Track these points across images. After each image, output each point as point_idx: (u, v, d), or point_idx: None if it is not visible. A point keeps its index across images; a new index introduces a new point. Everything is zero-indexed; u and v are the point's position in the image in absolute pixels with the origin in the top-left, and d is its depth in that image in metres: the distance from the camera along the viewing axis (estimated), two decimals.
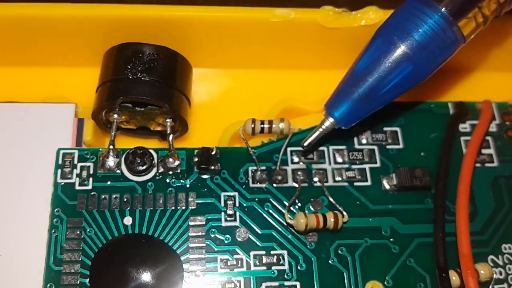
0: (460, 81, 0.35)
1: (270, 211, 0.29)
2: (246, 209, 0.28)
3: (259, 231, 0.28)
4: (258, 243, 0.28)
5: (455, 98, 0.33)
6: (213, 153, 0.29)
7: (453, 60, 0.34)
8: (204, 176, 0.29)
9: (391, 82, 0.26)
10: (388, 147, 0.31)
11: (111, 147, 0.29)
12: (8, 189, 0.28)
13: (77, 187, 0.28)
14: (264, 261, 0.27)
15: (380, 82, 0.26)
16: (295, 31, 0.31)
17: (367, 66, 0.26)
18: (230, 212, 0.28)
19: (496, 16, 0.27)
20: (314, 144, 0.28)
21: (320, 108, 0.32)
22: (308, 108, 0.32)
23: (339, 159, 0.30)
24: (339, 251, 0.28)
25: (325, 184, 0.29)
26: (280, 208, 0.29)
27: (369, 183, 0.30)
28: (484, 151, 0.31)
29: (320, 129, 0.28)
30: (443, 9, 0.26)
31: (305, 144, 0.28)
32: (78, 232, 0.27)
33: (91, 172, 0.28)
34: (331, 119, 0.27)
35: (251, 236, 0.28)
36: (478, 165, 0.31)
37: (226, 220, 0.28)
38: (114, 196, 0.28)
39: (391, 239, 0.29)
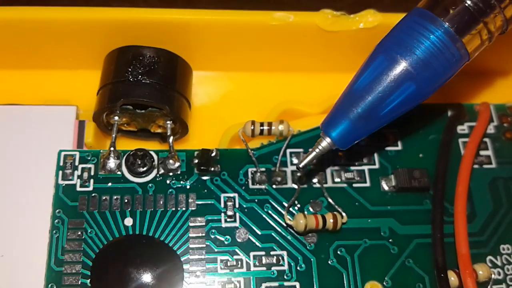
0: (458, 84, 0.35)
1: (270, 212, 0.29)
2: (245, 210, 0.29)
3: (258, 232, 0.28)
4: (258, 244, 0.28)
5: (453, 100, 0.33)
6: (213, 154, 0.29)
7: None
8: (204, 178, 0.29)
9: (392, 102, 0.25)
10: (386, 148, 0.31)
11: (112, 148, 0.29)
12: (10, 190, 0.28)
13: (78, 189, 0.28)
14: (263, 261, 0.28)
15: (381, 102, 0.24)
16: (294, 34, 0.32)
17: (367, 85, 0.25)
18: (230, 213, 0.28)
19: (502, 32, 0.26)
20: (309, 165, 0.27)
21: (318, 110, 0.32)
22: (307, 110, 0.32)
23: (338, 161, 0.30)
24: (339, 252, 0.28)
25: (324, 185, 0.30)
26: (279, 209, 0.29)
27: (368, 184, 0.30)
28: (482, 152, 0.32)
29: (317, 150, 0.26)
30: (446, 24, 0.24)
31: (301, 166, 0.26)
32: (79, 233, 0.27)
33: (92, 173, 0.29)
34: (328, 140, 0.25)
35: (251, 237, 0.28)
36: (476, 166, 0.31)
37: (226, 221, 0.28)
38: (115, 197, 0.28)
39: (390, 240, 0.29)
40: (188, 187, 0.29)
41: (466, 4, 0.24)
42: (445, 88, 0.35)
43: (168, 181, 0.29)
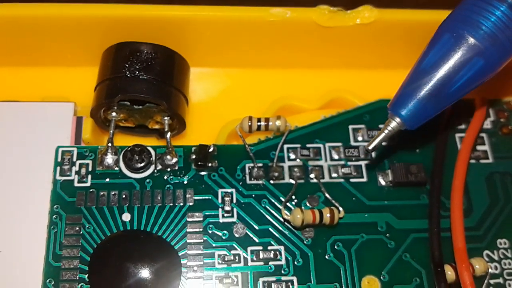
0: None
1: (267, 207, 0.29)
2: (243, 205, 0.29)
3: (256, 227, 0.28)
4: (255, 238, 0.28)
5: None
6: (211, 150, 0.30)
7: None
8: (202, 173, 0.29)
9: (461, 78, 0.25)
10: (383, 143, 0.31)
11: (109, 144, 0.29)
12: (8, 186, 0.28)
13: (76, 184, 0.28)
14: (261, 256, 0.28)
15: (450, 79, 0.25)
16: (291, 30, 0.32)
17: (434, 63, 0.25)
18: (227, 208, 0.28)
19: None
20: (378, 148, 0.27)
21: (316, 106, 0.33)
22: (304, 106, 0.33)
23: (335, 156, 0.30)
24: (336, 247, 0.28)
25: (321, 180, 0.30)
26: (277, 204, 0.29)
27: (365, 179, 0.30)
28: (479, 147, 0.32)
29: (386, 131, 0.26)
30: (510, 0, 0.24)
31: (370, 148, 0.26)
32: (77, 228, 0.27)
33: (90, 169, 0.29)
34: (397, 119, 0.26)
35: (248, 232, 0.28)
36: (473, 161, 0.31)
37: (223, 216, 0.28)
38: (113, 193, 0.28)
39: (387, 235, 0.29)
40: (185, 182, 0.29)
41: None
42: None
43: (165, 177, 0.29)
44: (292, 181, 0.30)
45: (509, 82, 0.34)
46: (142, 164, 0.29)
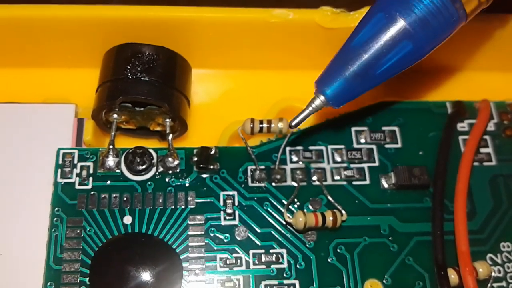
0: (459, 80, 0.35)
1: (269, 210, 0.29)
2: (245, 208, 0.29)
3: (258, 230, 0.28)
4: (257, 241, 0.28)
5: (453, 97, 0.33)
6: (212, 152, 0.29)
7: (451, 59, 0.35)
8: (204, 176, 0.29)
9: (389, 61, 0.24)
10: (386, 146, 0.31)
11: (111, 146, 0.29)
12: (8, 188, 0.28)
13: (77, 187, 0.28)
14: (263, 259, 0.28)
15: (378, 60, 0.24)
16: (293, 32, 0.32)
17: (364, 42, 0.25)
18: (229, 211, 0.28)
19: None
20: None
21: None
22: None
23: (338, 158, 0.30)
24: (338, 250, 0.28)
25: (324, 183, 0.29)
26: (279, 207, 0.29)
27: (367, 182, 0.30)
28: (482, 150, 0.31)
29: (310, 108, 0.26)
30: None
31: (293, 123, 0.26)
32: (78, 231, 0.27)
33: (91, 171, 0.28)
34: (322, 97, 0.25)
35: (250, 235, 0.28)
36: (476, 164, 0.31)
37: (225, 219, 0.28)
38: (114, 195, 0.28)
39: (390, 238, 0.29)
40: (187, 185, 0.29)
41: None
42: (444, 86, 0.35)
43: (167, 179, 0.29)
44: (295, 184, 0.29)
45: None
46: (144, 167, 0.29)
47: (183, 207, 0.28)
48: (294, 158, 0.30)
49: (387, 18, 0.24)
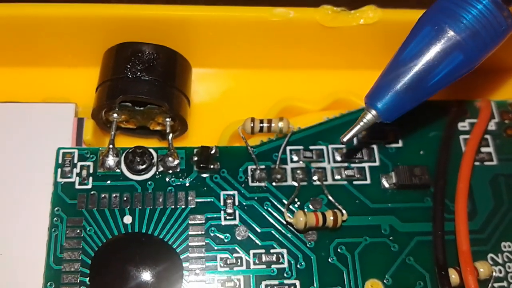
0: (460, 80, 0.35)
1: (270, 209, 0.29)
2: (245, 207, 0.28)
3: (258, 230, 0.28)
4: (257, 241, 0.28)
5: (454, 96, 0.33)
6: (213, 152, 0.29)
7: None
8: (204, 175, 0.29)
9: (440, 72, 0.24)
10: (387, 145, 0.31)
11: (111, 146, 0.29)
12: (8, 188, 0.28)
13: (77, 186, 0.28)
14: (263, 259, 0.27)
15: (429, 72, 0.24)
16: (294, 31, 0.31)
17: (414, 55, 0.25)
18: (229, 210, 0.28)
19: None
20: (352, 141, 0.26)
21: (319, 107, 0.32)
22: (307, 107, 0.32)
23: (338, 158, 0.30)
24: (339, 250, 0.28)
25: (325, 182, 0.29)
26: (279, 206, 0.29)
27: (368, 181, 0.30)
28: (483, 149, 0.31)
29: (361, 123, 0.26)
30: None
31: (345, 139, 0.26)
32: (78, 231, 0.27)
33: (91, 171, 0.28)
34: (373, 112, 0.25)
35: (250, 235, 0.28)
36: (477, 163, 0.31)
37: (225, 219, 0.28)
38: (114, 195, 0.28)
39: (391, 238, 0.29)
40: (187, 184, 0.29)
41: None
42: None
43: (167, 179, 0.29)
44: (295, 184, 0.29)
45: None
46: (144, 166, 0.28)
47: (183, 206, 0.28)
48: (295, 158, 0.30)
49: (436, 30, 0.24)
